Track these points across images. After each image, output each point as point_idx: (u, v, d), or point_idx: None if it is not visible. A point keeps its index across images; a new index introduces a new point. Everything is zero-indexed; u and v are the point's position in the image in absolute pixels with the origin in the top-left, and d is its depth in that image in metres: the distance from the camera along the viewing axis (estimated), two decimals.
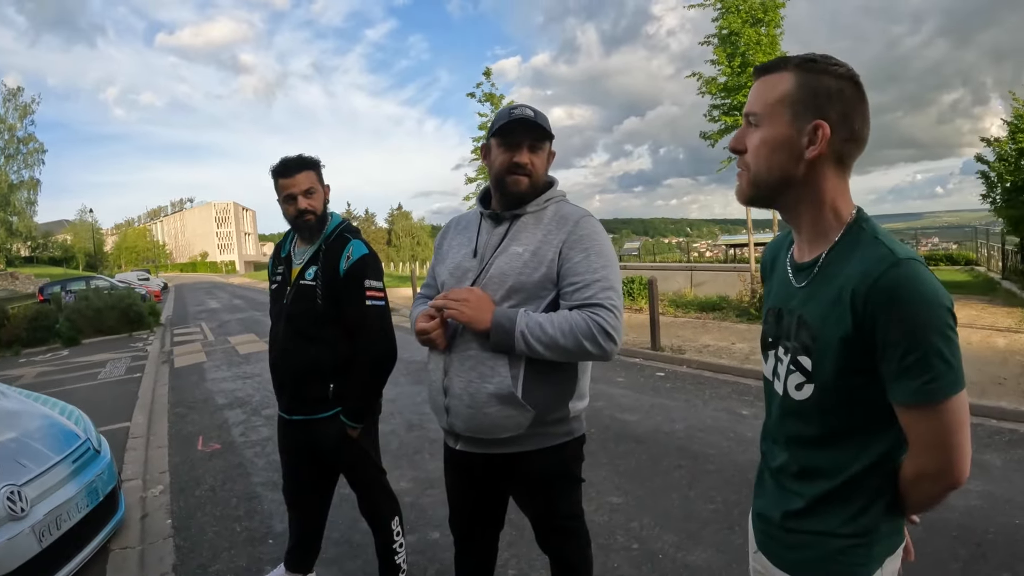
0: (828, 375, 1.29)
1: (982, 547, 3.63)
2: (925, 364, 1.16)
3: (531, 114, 2.15)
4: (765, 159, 1.33)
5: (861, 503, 1.31)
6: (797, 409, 1.37)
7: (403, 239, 79.16)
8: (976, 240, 27.96)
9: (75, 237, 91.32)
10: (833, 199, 1.32)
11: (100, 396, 9.23)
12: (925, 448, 1.23)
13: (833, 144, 1.28)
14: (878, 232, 1.28)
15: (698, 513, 4.22)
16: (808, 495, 1.37)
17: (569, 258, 2.10)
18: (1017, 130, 15.03)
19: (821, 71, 1.29)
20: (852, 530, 1.32)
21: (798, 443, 1.40)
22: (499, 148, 2.19)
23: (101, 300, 18.24)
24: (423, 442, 6.07)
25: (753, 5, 12.99)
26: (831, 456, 1.33)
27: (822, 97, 1.27)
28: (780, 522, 1.44)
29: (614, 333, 2.01)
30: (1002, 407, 6.15)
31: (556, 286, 2.12)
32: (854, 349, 1.23)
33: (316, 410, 2.94)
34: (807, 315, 1.33)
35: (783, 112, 1.30)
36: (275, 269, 3.12)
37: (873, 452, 1.29)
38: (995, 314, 12.14)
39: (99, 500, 3.82)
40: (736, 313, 13.31)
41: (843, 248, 1.30)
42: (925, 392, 1.17)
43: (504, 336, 2.02)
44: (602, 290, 2.06)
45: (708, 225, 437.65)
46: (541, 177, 2.23)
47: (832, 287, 1.28)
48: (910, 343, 1.16)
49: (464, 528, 2.49)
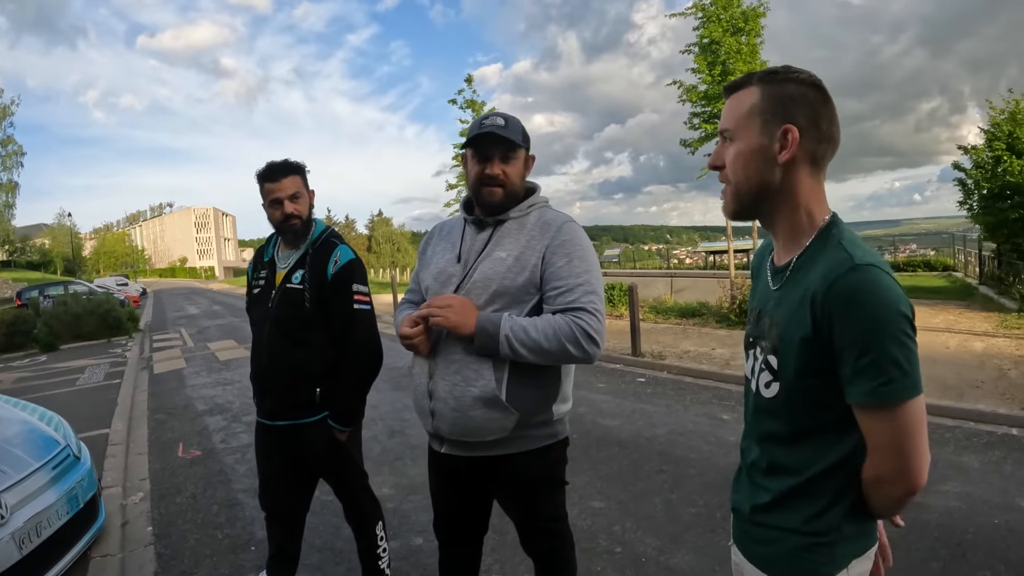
0: (791, 375, 1.33)
1: (962, 547, 3.68)
2: (879, 368, 1.18)
3: (501, 123, 2.17)
4: (743, 169, 1.38)
5: (823, 502, 1.34)
6: (767, 406, 1.41)
7: (383, 245, 79.00)
8: (953, 246, 28.30)
9: (53, 241, 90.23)
10: (808, 203, 1.37)
11: (79, 402, 9.12)
12: (881, 451, 1.25)
13: (804, 146, 1.33)
14: (844, 237, 1.31)
15: (680, 516, 4.24)
16: (774, 490, 1.40)
17: (552, 263, 2.12)
18: (994, 138, 15.26)
19: (783, 80, 1.35)
20: (813, 528, 1.35)
21: (768, 439, 1.43)
22: (473, 159, 2.23)
23: (80, 305, 18.02)
24: (405, 448, 6.06)
25: (734, 15, 13.11)
26: (796, 454, 1.37)
27: (787, 103, 1.33)
28: (749, 515, 1.47)
29: (597, 336, 2.04)
30: (980, 410, 6.23)
31: (539, 290, 2.15)
32: (814, 350, 1.27)
33: (303, 414, 2.92)
34: (778, 317, 1.37)
35: (753, 123, 1.36)
36: (257, 273, 3.11)
37: (835, 453, 1.32)
38: (972, 319, 12.30)
39: (79, 507, 3.78)
40: (716, 319, 13.38)
41: (812, 252, 1.35)
42: (878, 395, 1.19)
43: (488, 340, 2.04)
44: (585, 294, 2.08)
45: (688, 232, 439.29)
46: (517, 185, 2.25)
47: (798, 290, 1.32)
48: (864, 346, 1.19)
49: (448, 532, 2.49)
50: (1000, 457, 5.16)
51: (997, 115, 15.52)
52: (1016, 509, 4.15)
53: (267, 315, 2.97)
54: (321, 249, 2.96)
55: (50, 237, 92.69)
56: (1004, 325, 11.24)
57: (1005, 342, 9.73)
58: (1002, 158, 14.78)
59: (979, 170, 15.71)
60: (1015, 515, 4.07)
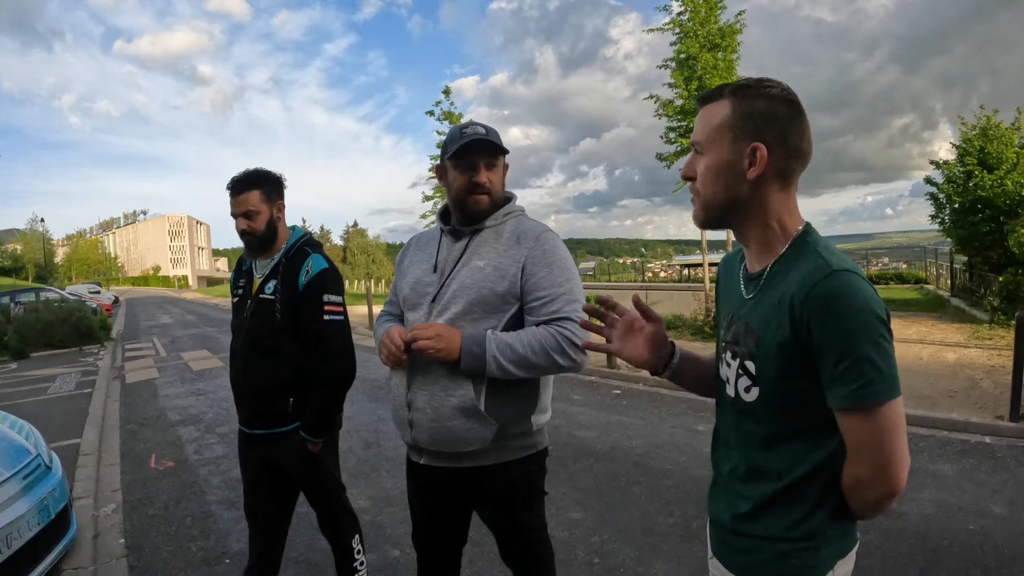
0: (770, 379, 1.34)
1: (938, 553, 3.74)
2: (857, 370, 1.20)
3: (483, 131, 2.18)
4: (712, 183, 1.40)
5: (806, 507, 1.34)
6: (748, 410, 1.42)
7: (359, 257, 78.54)
8: (925, 259, 28.69)
9: (25, 247, 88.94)
10: (779, 214, 1.38)
11: (50, 411, 8.98)
12: (861, 453, 1.26)
13: (773, 162, 1.34)
14: (819, 245, 1.33)
15: (657, 527, 4.25)
16: (755, 496, 1.40)
17: (533, 274, 2.13)
18: (965, 153, 15.49)
19: (754, 95, 1.36)
20: (798, 534, 1.35)
21: (749, 443, 1.44)
22: (456, 170, 2.22)
23: (51, 312, 17.78)
24: (380, 460, 6.03)
25: (711, 31, 13.25)
26: (777, 458, 1.37)
27: (757, 120, 1.34)
28: (729, 525, 1.47)
29: (581, 344, 2.04)
30: (953, 419, 6.33)
31: (519, 300, 2.15)
32: (792, 354, 1.28)
33: (275, 424, 2.90)
34: (753, 322, 1.38)
35: (723, 138, 1.37)
36: (237, 282, 3.10)
37: (816, 456, 1.33)
38: (945, 330, 12.47)
39: (51, 518, 3.71)
40: (691, 331, 13.45)
41: (788, 260, 1.36)
42: (857, 397, 1.21)
43: (476, 363, 2.04)
44: (567, 303, 2.10)
45: (663, 245, 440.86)
46: (499, 192, 2.26)
47: (775, 295, 1.33)
48: (843, 350, 1.21)
49: (427, 544, 2.47)
50: (974, 464, 5.25)
51: (968, 131, 15.77)
52: (991, 515, 4.22)
53: (243, 325, 2.96)
54: (294, 258, 2.94)
55: (22, 242, 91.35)
56: (976, 336, 11.42)
57: (977, 352, 9.88)
58: (973, 173, 15.01)
59: (951, 185, 15.94)
60: (990, 521, 4.13)
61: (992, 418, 6.35)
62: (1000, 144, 14.91)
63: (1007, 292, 13.52)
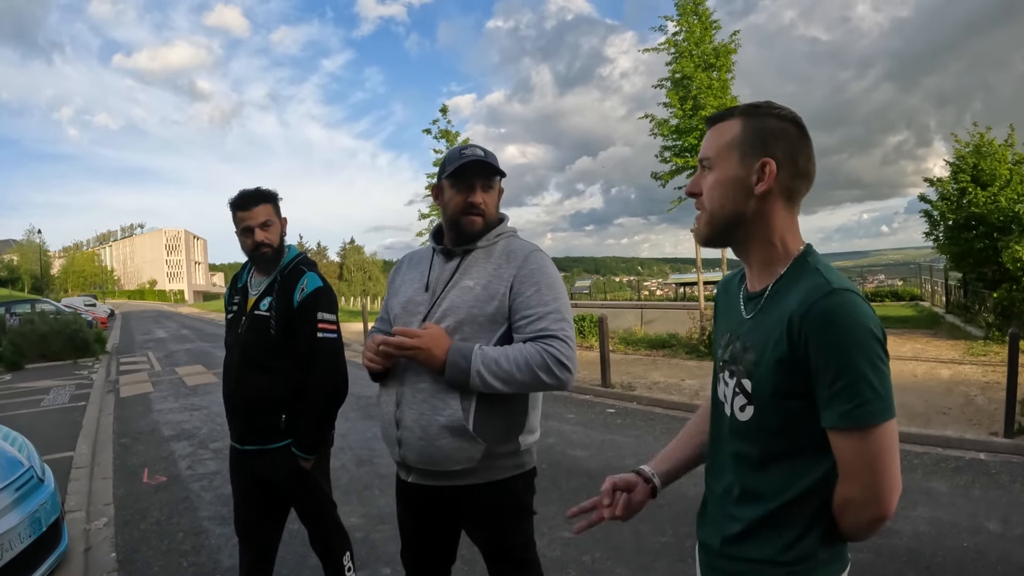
0: (766, 397, 1.34)
1: (931, 570, 3.74)
2: (854, 390, 1.20)
3: (481, 154, 2.20)
4: (719, 198, 1.41)
5: (797, 530, 1.34)
6: (742, 429, 1.41)
7: (355, 273, 78.62)
8: (920, 276, 28.75)
9: (22, 258, 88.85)
10: (782, 234, 1.39)
11: (43, 424, 8.94)
12: (852, 474, 1.26)
13: (780, 180, 1.36)
14: (819, 264, 1.35)
15: (650, 546, 4.24)
16: (746, 518, 1.40)
17: (521, 292, 2.14)
18: (959, 170, 15.60)
19: (765, 115, 1.38)
20: (789, 557, 1.34)
21: (742, 464, 1.43)
22: (452, 189, 2.24)
23: (47, 324, 17.75)
24: (373, 477, 6.01)
25: (706, 51, 13.36)
26: (770, 479, 1.37)
27: (767, 137, 1.36)
28: (719, 549, 1.46)
29: (568, 363, 2.06)
30: (947, 436, 6.35)
31: (507, 319, 2.16)
32: (789, 372, 1.29)
33: (268, 440, 2.90)
34: (752, 341, 1.39)
35: (733, 154, 1.39)
36: (231, 299, 3.12)
37: (809, 478, 1.33)
38: (939, 347, 12.50)
39: (42, 531, 3.70)
40: (686, 350, 13.46)
41: (789, 279, 1.37)
42: (852, 417, 1.21)
43: (459, 374, 2.04)
44: (555, 321, 2.10)
45: (659, 264, 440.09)
46: (493, 214, 2.29)
47: (774, 314, 1.34)
48: (839, 369, 1.21)
49: (416, 562, 2.46)
50: (968, 481, 5.26)
51: (962, 148, 15.90)
52: (984, 532, 4.23)
53: (237, 341, 2.98)
54: (290, 276, 2.96)
55: (18, 253, 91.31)
56: (970, 352, 11.44)
57: (971, 369, 9.90)
58: (967, 190, 15.11)
59: (945, 202, 16.04)
60: (983, 538, 4.14)
61: (986, 434, 6.37)
62: (993, 161, 15.03)
63: (1001, 308, 13.55)
